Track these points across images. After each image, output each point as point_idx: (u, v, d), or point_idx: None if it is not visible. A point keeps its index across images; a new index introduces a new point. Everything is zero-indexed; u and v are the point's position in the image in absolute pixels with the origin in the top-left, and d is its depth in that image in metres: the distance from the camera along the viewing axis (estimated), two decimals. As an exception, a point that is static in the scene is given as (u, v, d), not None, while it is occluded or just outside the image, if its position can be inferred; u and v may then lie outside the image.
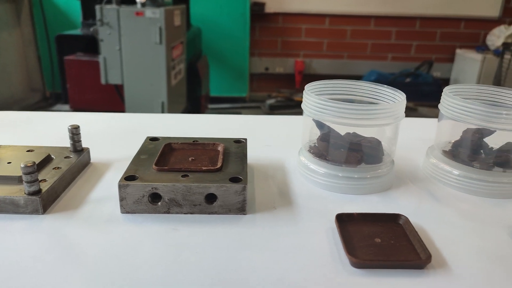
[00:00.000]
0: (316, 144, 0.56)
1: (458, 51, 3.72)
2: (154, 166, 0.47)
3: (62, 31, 2.73)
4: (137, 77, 2.21)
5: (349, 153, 0.52)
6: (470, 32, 3.72)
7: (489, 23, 3.67)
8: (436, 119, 0.61)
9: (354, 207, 0.50)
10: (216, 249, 0.40)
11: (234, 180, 0.46)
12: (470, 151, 0.55)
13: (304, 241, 0.43)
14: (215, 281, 0.36)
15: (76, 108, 2.45)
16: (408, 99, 0.54)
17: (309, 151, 0.56)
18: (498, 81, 3.07)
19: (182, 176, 0.46)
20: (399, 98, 0.53)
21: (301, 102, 0.55)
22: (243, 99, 3.82)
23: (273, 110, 3.44)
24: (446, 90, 0.55)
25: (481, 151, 0.55)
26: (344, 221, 0.45)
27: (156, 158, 0.49)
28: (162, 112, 2.25)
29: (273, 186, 0.54)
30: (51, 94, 3.41)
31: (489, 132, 0.54)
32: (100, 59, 2.16)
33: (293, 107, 3.48)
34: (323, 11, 3.66)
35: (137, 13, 2.08)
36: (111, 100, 2.41)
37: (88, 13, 2.57)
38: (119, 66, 2.17)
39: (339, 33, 3.79)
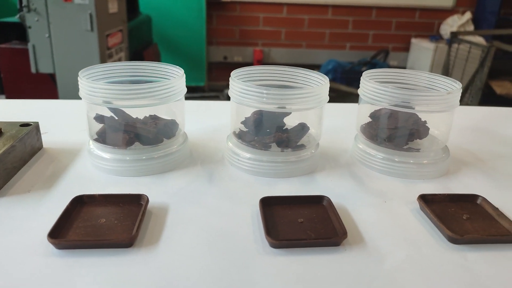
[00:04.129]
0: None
1: (413, 40, 3.75)
2: None
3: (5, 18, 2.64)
4: (70, 66, 2.17)
5: (123, 135, 0.52)
6: (425, 21, 3.76)
7: (443, 13, 3.71)
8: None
9: (119, 188, 0.50)
10: None
11: (-26, 162, 0.45)
12: (252, 132, 0.55)
13: (32, 222, 0.42)
14: None
15: (12, 98, 2.39)
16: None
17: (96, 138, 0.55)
18: (446, 70, 3.11)
19: None
20: (178, 74, 0.53)
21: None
22: (201, 89, 3.79)
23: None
24: (232, 74, 0.55)
25: (267, 131, 0.55)
26: (86, 202, 0.45)
27: None
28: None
29: (50, 170, 0.53)
30: (-1, 84, 3.32)
31: (272, 114, 0.54)
32: (29, 47, 2.10)
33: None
34: (280, -1, 3.64)
35: None
36: (48, 89, 2.36)
37: (24, -1, 2.49)
38: (49, 54, 2.12)
39: (297, 22, 3.78)
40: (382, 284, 0.36)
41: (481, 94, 2.75)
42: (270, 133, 0.55)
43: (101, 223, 0.42)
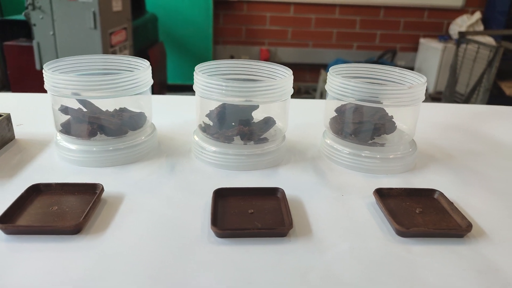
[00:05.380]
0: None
1: (421, 40, 3.71)
2: None
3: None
4: (73, 63, 2.19)
5: (86, 126, 0.53)
6: (434, 21, 3.71)
7: (452, 13, 3.66)
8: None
9: (81, 177, 0.50)
10: None
11: None
12: (215, 125, 0.55)
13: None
14: None
15: (18, 94, 2.43)
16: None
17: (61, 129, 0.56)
18: (454, 70, 3.07)
19: None
20: (144, 66, 0.54)
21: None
22: (207, 88, 3.80)
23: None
24: (196, 68, 0.56)
25: (232, 124, 0.55)
26: (42, 190, 0.46)
27: None
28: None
29: (16, 160, 0.54)
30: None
31: (235, 107, 0.55)
32: (34, 44, 2.14)
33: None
34: (288, -1, 3.64)
35: (69, -2, 2.06)
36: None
37: (31, -2, 2.53)
38: (54, 52, 2.16)
39: (304, 21, 3.77)
40: (318, 274, 0.36)
41: (489, 95, 2.70)
42: (235, 126, 0.55)
43: (53, 211, 0.42)
